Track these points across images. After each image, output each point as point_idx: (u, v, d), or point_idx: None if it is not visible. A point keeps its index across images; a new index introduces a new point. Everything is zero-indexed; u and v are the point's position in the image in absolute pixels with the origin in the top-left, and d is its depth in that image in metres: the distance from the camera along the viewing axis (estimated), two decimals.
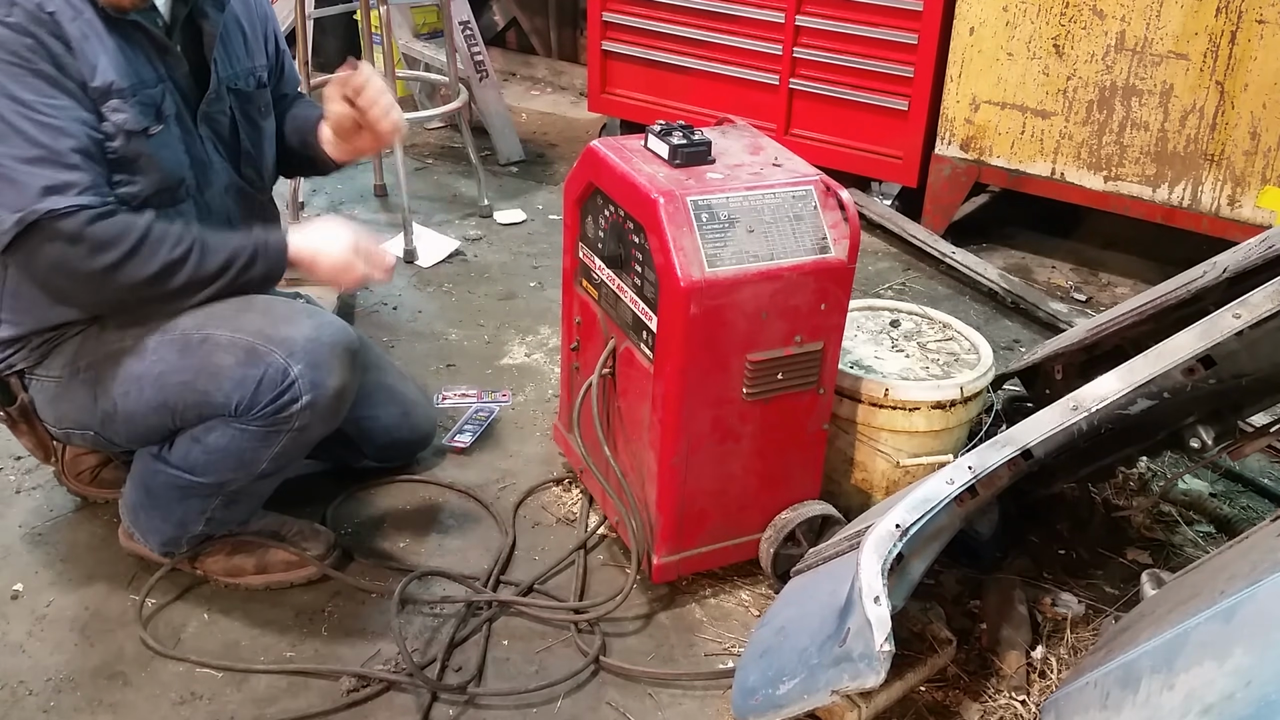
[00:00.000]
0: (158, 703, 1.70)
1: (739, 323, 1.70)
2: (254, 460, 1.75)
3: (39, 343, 1.79)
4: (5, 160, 1.54)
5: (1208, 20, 2.83)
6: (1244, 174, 2.91)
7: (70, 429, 1.85)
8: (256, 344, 1.67)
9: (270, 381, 1.67)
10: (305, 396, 1.68)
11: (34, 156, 1.54)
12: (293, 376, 1.67)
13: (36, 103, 1.54)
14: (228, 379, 1.67)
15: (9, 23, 1.52)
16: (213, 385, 1.68)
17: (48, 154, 1.55)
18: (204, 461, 1.75)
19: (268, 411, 1.68)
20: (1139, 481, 2.25)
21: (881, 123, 3.44)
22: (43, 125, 1.55)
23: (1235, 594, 1.22)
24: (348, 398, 1.75)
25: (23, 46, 1.53)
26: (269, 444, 1.73)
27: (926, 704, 1.71)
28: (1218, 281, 1.80)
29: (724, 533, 1.90)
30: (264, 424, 1.70)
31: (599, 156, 1.84)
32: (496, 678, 1.77)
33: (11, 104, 1.53)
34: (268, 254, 1.75)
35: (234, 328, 1.69)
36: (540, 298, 3.05)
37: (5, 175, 1.54)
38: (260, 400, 1.67)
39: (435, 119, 4.12)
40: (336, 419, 1.77)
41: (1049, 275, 3.35)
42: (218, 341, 1.69)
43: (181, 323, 1.71)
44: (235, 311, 1.71)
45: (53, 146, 1.55)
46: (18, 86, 1.53)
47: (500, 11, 5.10)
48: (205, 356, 1.68)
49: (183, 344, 1.70)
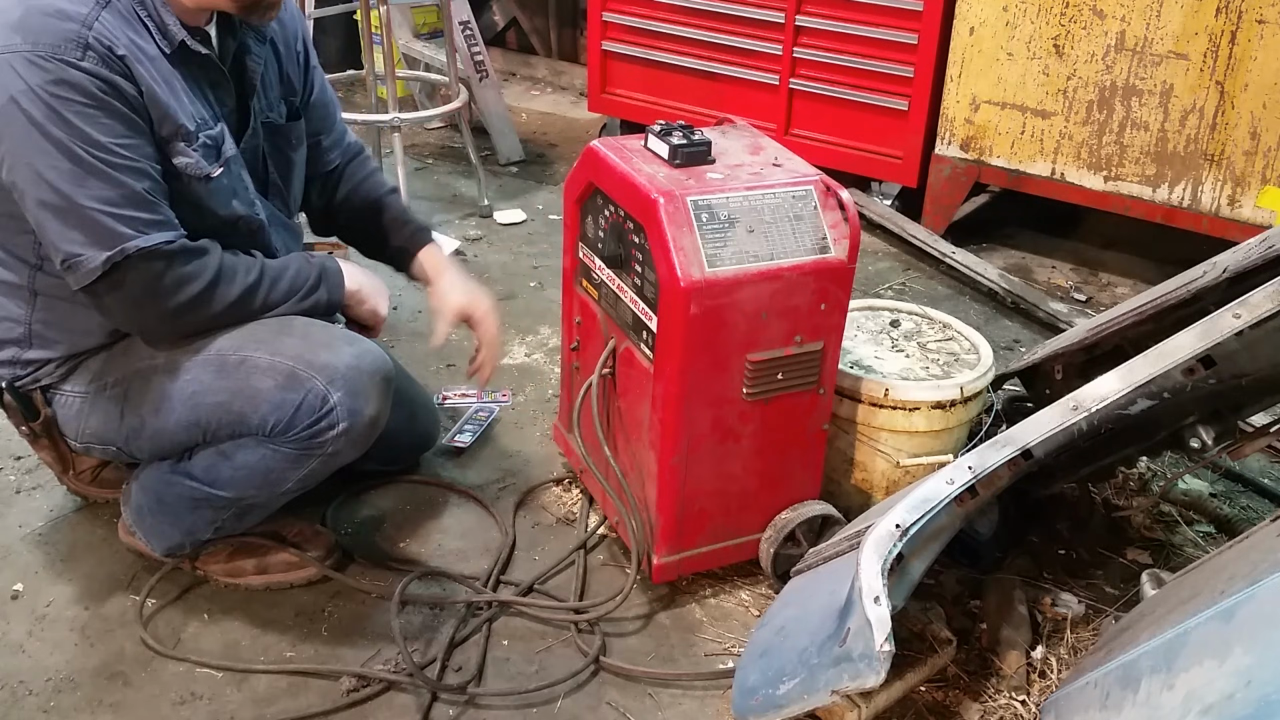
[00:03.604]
0: (158, 703, 1.70)
1: (739, 323, 1.70)
2: (280, 480, 1.75)
3: (64, 359, 1.79)
4: (86, 202, 1.56)
5: (1208, 20, 2.83)
6: (1244, 174, 2.91)
7: (92, 443, 1.85)
8: (297, 369, 1.68)
9: (309, 407, 1.67)
10: (342, 424, 1.69)
11: (114, 197, 1.56)
12: (332, 403, 1.67)
13: (111, 144, 1.56)
14: (265, 402, 1.67)
15: (82, 67, 1.54)
16: (249, 407, 1.68)
17: (128, 194, 1.58)
18: (229, 477, 1.75)
19: (303, 436, 1.69)
20: (1139, 481, 2.25)
21: (881, 123, 3.44)
22: (120, 166, 1.57)
23: (1235, 594, 1.22)
24: (381, 425, 1.76)
25: (97, 89, 1.55)
26: (299, 466, 1.73)
27: (926, 704, 1.71)
28: (1218, 281, 1.80)
29: (724, 533, 1.90)
30: (297, 447, 1.70)
31: (599, 156, 1.84)
32: (496, 678, 1.77)
33: (88, 147, 1.55)
34: (329, 279, 1.81)
35: (273, 350, 1.69)
36: (540, 298, 3.05)
37: (88, 218, 1.56)
38: (298, 424, 1.68)
39: (435, 119, 4.12)
40: (367, 445, 1.77)
41: (1049, 275, 3.35)
42: (256, 364, 1.69)
43: (218, 343, 1.71)
44: (273, 334, 1.72)
45: (132, 186, 1.58)
46: (93, 129, 1.55)
47: (500, 11, 5.10)
48: (243, 379, 1.68)
49: (219, 364, 1.70)
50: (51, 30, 1.53)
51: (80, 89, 1.53)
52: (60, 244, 1.58)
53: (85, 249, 1.57)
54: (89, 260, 1.57)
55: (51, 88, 1.52)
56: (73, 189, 1.55)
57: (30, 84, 1.51)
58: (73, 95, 1.53)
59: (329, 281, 1.81)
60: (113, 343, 1.79)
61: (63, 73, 1.52)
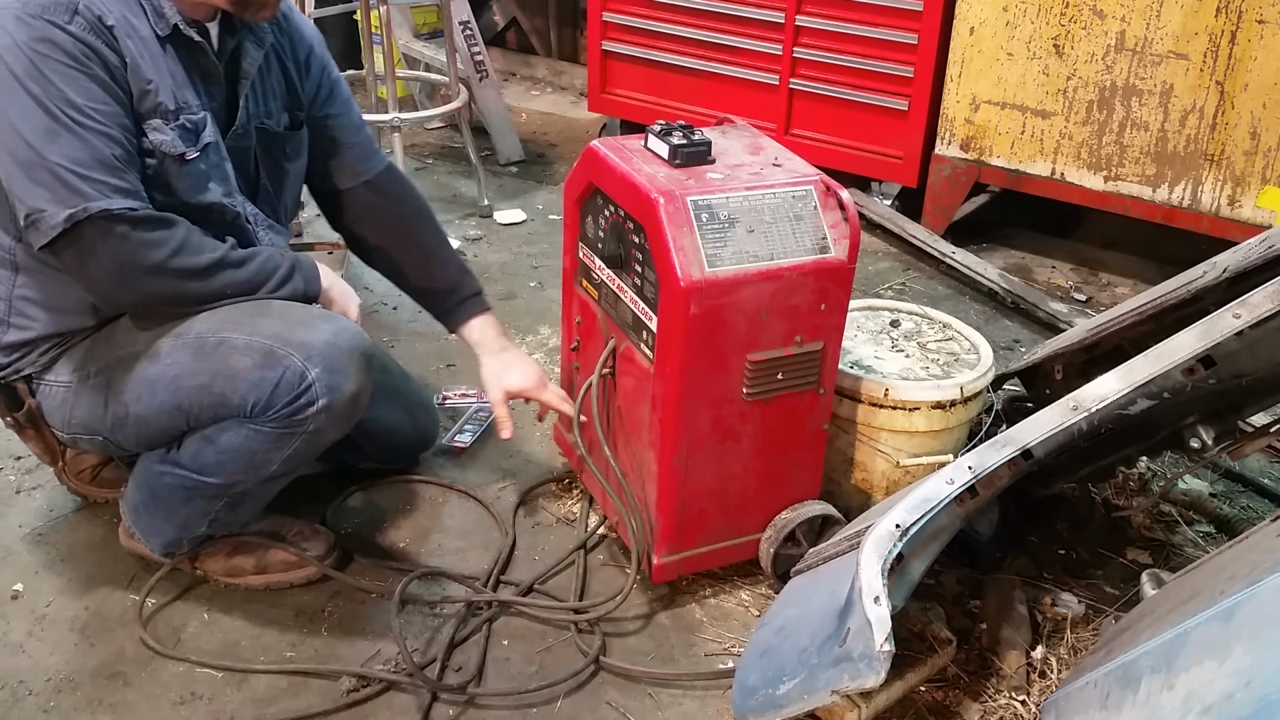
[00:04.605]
0: (158, 703, 1.70)
1: (739, 323, 1.70)
2: (265, 462, 1.75)
3: (46, 348, 1.79)
4: (55, 158, 1.56)
5: (1208, 20, 2.83)
6: (1244, 174, 2.91)
7: (78, 434, 1.85)
8: (274, 347, 1.68)
9: (287, 384, 1.67)
10: (321, 400, 1.68)
11: (83, 158, 1.57)
12: (310, 380, 1.67)
13: (86, 107, 1.58)
14: (244, 381, 1.67)
15: (68, 29, 1.57)
16: (229, 387, 1.68)
17: (97, 157, 1.58)
18: (215, 462, 1.75)
19: (284, 413, 1.69)
20: (1139, 481, 2.25)
21: (881, 123, 3.44)
22: (92, 129, 1.58)
23: (1235, 594, 1.22)
24: (362, 402, 1.76)
25: (79, 51, 1.57)
26: (281, 446, 1.73)
27: (926, 704, 1.71)
28: (1218, 281, 1.80)
29: (724, 533, 1.90)
30: (278, 426, 1.70)
31: (599, 156, 1.84)
32: (496, 678, 1.77)
33: (63, 106, 1.56)
34: (303, 270, 1.81)
35: (250, 331, 1.69)
36: (540, 298, 3.05)
37: (56, 174, 1.57)
38: (277, 402, 1.68)
39: (435, 119, 4.12)
40: (350, 423, 1.77)
41: (1049, 275, 3.35)
42: (234, 344, 1.69)
43: (195, 326, 1.72)
44: (250, 316, 1.72)
45: (102, 150, 1.59)
46: (70, 89, 1.57)
47: (500, 11, 5.10)
48: (222, 359, 1.69)
49: (197, 347, 1.70)
50: None
51: (63, 49, 1.56)
52: (25, 199, 1.59)
53: (49, 205, 1.57)
54: (51, 217, 1.57)
55: (35, 45, 1.55)
56: (43, 144, 1.56)
57: (16, 39, 1.55)
58: (54, 54, 1.56)
59: (304, 273, 1.81)
60: (96, 326, 1.78)
61: (48, 31, 1.55)
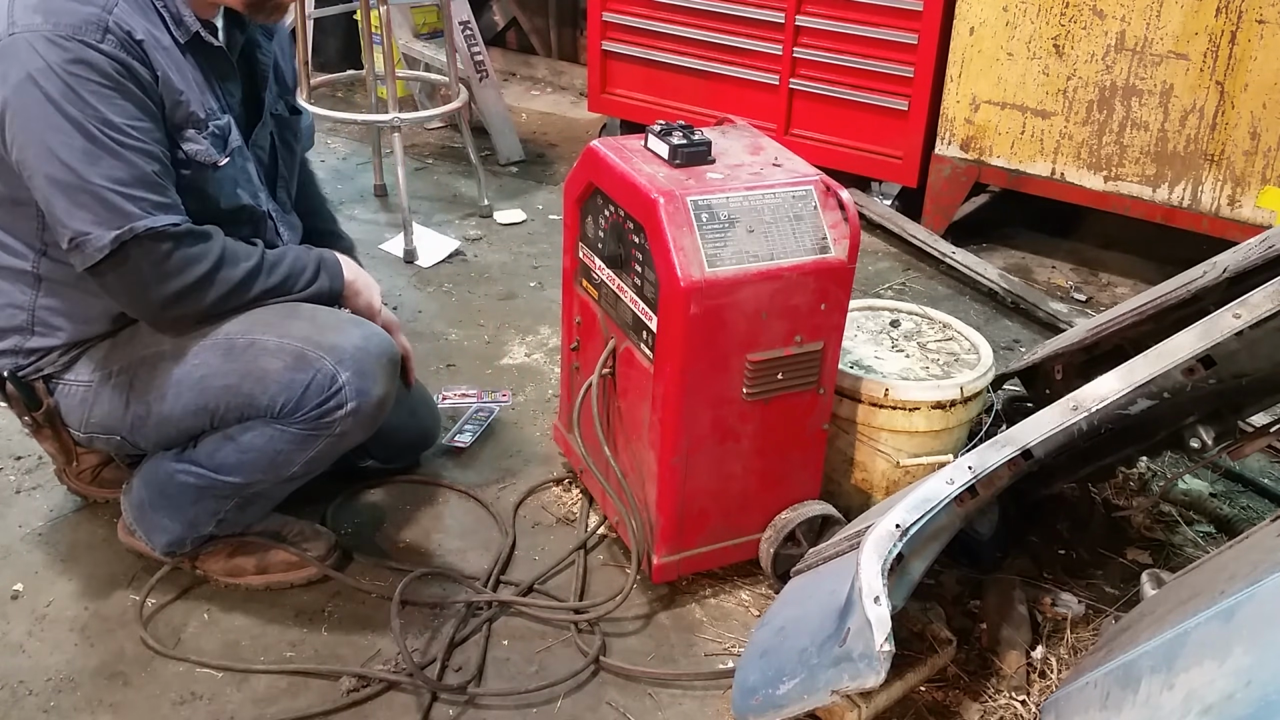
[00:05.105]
0: (158, 703, 1.70)
1: (739, 323, 1.70)
2: (287, 462, 1.76)
3: (67, 348, 1.80)
4: (97, 180, 1.57)
5: (1208, 20, 2.83)
6: (1244, 174, 2.91)
7: (96, 433, 1.85)
8: (305, 350, 1.69)
9: (318, 386, 1.68)
10: (351, 403, 1.69)
11: (125, 177, 1.58)
12: (341, 383, 1.68)
13: (124, 125, 1.58)
14: (275, 382, 1.68)
15: (101, 49, 1.57)
16: (258, 388, 1.69)
17: (138, 175, 1.59)
18: (236, 461, 1.75)
19: (312, 415, 1.69)
20: (1139, 481, 2.25)
21: (881, 123, 3.44)
22: (131, 147, 1.59)
23: (1235, 594, 1.22)
24: (388, 406, 1.77)
25: (114, 70, 1.57)
26: (306, 448, 1.74)
27: (926, 704, 1.71)
28: (1218, 281, 1.80)
29: (724, 533, 1.90)
30: (305, 427, 1.71)
31: (599, 156, 1.84)
32: (496, 678, 1.77)
33: (103, 127, 1.57)
34: (328, 267, 1.83)
35: (281, 333, 1.70)
36: (540, 298, 3.05)
37: (98, 196, 1.57)
38: (307, 404, 1.69)
39: (435, 119, 4.12)
40: (374, 427, 1.78)
41: (1049, 275, 3.35)
42: (265, 346, 1.70)
43: (225, 328, 1.72)
44: (281, 318, 1.73)
45: (142, 168, 1.60)
46: (108, 109, 1.57)
47: (500, 11, 5.10)
48: (251, 360, 1.69)
49: (227, 348, 1.71)
50: (72, 12, 1.56)
51: (98, 69, 1.56)
52: (68, 222, 1.59)
53: (94, 227, 1.58)
54: (97, 239, 1.58)
55: (70, 66, 1.55)
56: (84, 167, 1.56)
57: (49, 62, 1.54)
58: (90, 75, 1.55)
59: (329, 270, 1.83)
60: (116, 330, 1.79)
61: (82, 53, 1.55)
